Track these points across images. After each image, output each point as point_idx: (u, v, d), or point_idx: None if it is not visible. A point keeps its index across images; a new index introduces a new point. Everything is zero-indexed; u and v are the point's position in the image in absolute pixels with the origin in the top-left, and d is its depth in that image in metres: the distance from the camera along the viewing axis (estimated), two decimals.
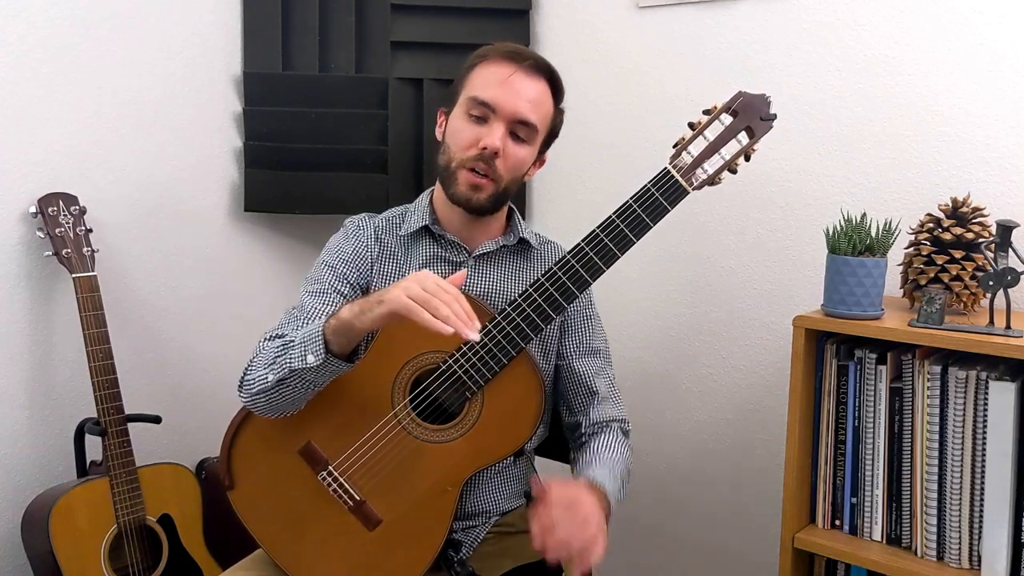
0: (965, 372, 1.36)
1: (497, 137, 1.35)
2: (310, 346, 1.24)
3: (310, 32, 2.07)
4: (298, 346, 1.26)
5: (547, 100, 1.41)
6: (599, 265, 1.30)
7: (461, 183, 1.37)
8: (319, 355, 1.22)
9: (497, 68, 1.37)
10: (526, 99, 1.36)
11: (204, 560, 1.82)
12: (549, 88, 1.41)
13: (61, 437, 1.84)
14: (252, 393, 1.31)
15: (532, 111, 1.37)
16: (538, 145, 1.43)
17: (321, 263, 1.45)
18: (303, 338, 1.25)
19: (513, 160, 1.38)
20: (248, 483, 1.38)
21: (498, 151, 1.35)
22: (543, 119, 1.40)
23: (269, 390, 1.29)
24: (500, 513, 1.48)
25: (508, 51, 1.39)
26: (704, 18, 1.89)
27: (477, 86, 1.37)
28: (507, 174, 1.38)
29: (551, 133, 1.45)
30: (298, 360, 1.25)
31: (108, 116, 1.89)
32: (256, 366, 1.33)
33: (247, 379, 1.33)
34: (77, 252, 1.75)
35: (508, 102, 1.35)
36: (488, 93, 1.36)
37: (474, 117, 1.37)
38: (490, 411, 1.32)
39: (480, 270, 1.45)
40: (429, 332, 1.30)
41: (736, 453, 1.93)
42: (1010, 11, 1.57)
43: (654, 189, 1.30)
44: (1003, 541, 1.34)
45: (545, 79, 1.40)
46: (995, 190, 1.60)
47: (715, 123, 1.31)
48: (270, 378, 1.28)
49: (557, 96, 1.43)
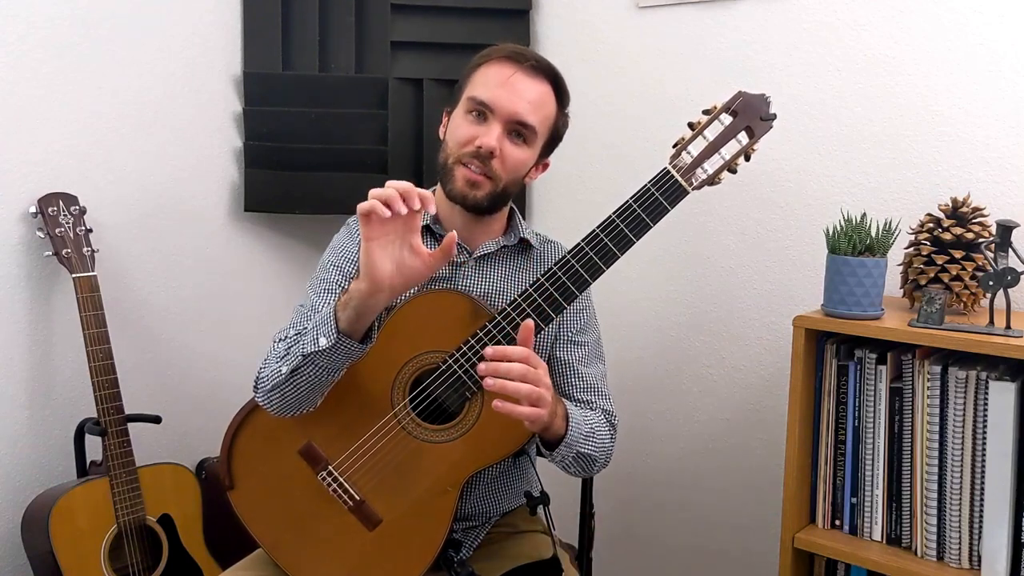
0: (965, 372, 1.36)
1: (493, 137, 1.34)
2: (322, 328, 1.23)
3: (310, 32, 2.07)
4: (310, 331, 1.25)
5: (549, 102, 1.40)
6: (599, 265, 1.29)
7: (458, 179, 1.37)
8: (331, 336, 1.22)
9: (499, 69, 1.37)
10: (526, 100, 1.36)
11: (204, 560, 1.82)
12: (552, 90, 1.40)
13: (61, 437, 1.84)
14: (266, 390, 1.31)
15: (531, 112, 1.36)
16: (539, 148, 1.41)
17: (327, 263, 1.45)
18: (316, 322, 1.25)
19: (511, 161, 1.37)
20: (248, 483, 1.38)
21: (494, 151, 1.34)
22: (543, 121, 1.39)
23: (283, 384, 1.28)
24: (500, 513, 1.48)
25: (511, 52, 1.38)
26: (704, 18, 1.89)
27: (478, 86, 1.37)
28: (505, 175, 1.37)
29: (553, 136, 1.44)
30: (311, 344, 1.24)
31: (108, 116, 1.89)
32: (270, 362, 1.33)
33: (261, 376, 1.33)
34: (77, 252, 1.75)
35: (507, 102, 1.35)
36: (487, 93, 1.35)
37: (473, 116, 1.36)
38: (490, 411, 1.32)
39: (480, 271, 1.45)
40: (429, 332, 1.31)
41: (736, 453, 1.93)
42: (1010, 11, 1.57)
43: (654, 189, 1.29)
44: (1003, 541, 1.34)
45: (548, 81, 1.39)
46: (995, 190, 1.60)
47: (715, 123, 1.31)
48: (283, 370, 1.27)
49: (561, 99, 1.42)
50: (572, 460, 1.35)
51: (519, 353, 1.19)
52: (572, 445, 1.32)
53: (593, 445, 1.36)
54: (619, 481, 2.08)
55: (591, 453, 1.36)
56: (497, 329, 1.29)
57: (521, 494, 1.48)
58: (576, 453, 1.34)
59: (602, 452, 1.39)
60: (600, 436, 1.38)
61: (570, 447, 1.32)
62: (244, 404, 1.40)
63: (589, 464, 1.38)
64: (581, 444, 1.33)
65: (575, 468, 1.37)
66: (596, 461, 1.39)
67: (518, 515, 1.50)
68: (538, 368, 1.20)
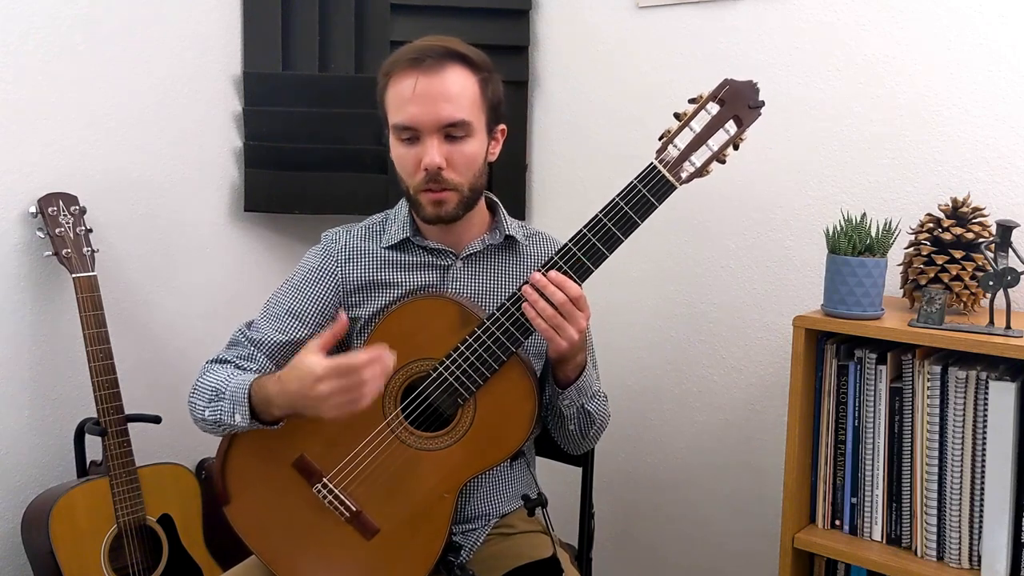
0: (965, 372, 1.36)
1: (434, 153, 1.31)
2: (238, 407, 1.30)
3: (310, 32, 2.07)
4: (227, 401, 1.32)
5: (467, 83, 1.33)
6: (587, 265, 1.27)
7: (424, 205, 1.36)
8: (245, 417, 1.30)
9: (401, 83, 1.32)
10: (442, 100, 1.30)
11: (204, 560, 1.82)
12: (464, 67, 1.33)
13: (61, 437, 1.84)
14: (195, 418, 1.38)
15: (455, 108, 1.31)
16: (483, 129, 1.37)
17: (289, 285, 1.45)
18: (232, 394, 1.31)
19: (462, 162, 1.34)
20: (244, 498, 1.38)
21: (441, 165, 1.32)
22: (472, 106, 1.34)
23: (210, 427, 1.36)
24: (499, 515, 1.48)
25: (408, 59, 1.32)
26: (704, 18, 1.89)
27: (393, 110, 1.34)
28: (463, 177, 1.35)
29: (492, 107, 1.38)
30: (227, 416, 1.31)
31: (108, 116, 1.89)
32: (196, 393, 1.38)
33: (192, 400, 1.38)
34: (77, 252, 1.75)
35: (425, 115, 1.30)
36: (404, 115, 1.32)
37: (405, 140, 1.34)
38: (483, 416, 1.32)
39: (468, 271, 1.44)
40: (419, 340, 1.32)
41: (736, 453, 1.93)
42: (1010, 11, 1.57)
43: (640, 185, 1.26)
44: (1003, 541, 1.34)
45: (455, 62, 1.33)
46: (995, 190, 1.60)
47: (701, 112, 1.27)
48: (207, 416, 1.34)
49: (477, 69, 1.35)
50: (576, 413, 1.38)
51: (574, 290, 1.25)
52: (583, 391, 1.36)
53: (596, 405, 1.41)
54: (619, 481, 2.08)
55: (593, 412, 1.40)
56: (487, 334, 1.28)
57: (519, 496, 1.48)
58: (581, 406, 1.38)
59: (600, 418, 1.44)
60: (602, 403, 1.44)
61: (580, 392, 1.36)
62: None
63: (588, 423, 1.42)
64: (588, 399, 1.38)
65: (575, 424, 1.40)
66: (594, 422, 1.43)
67: (517, 517, 1.50)
68: (582, 309, 1.26)
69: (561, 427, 1.42)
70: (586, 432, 1.43)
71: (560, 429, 1.43)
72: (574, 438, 1.44)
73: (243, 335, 1.43)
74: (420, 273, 1.43)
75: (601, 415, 1.44)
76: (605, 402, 1.47)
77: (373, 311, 1.42)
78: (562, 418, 1.40)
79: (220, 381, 1.35)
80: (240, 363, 1.40)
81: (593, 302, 1.55)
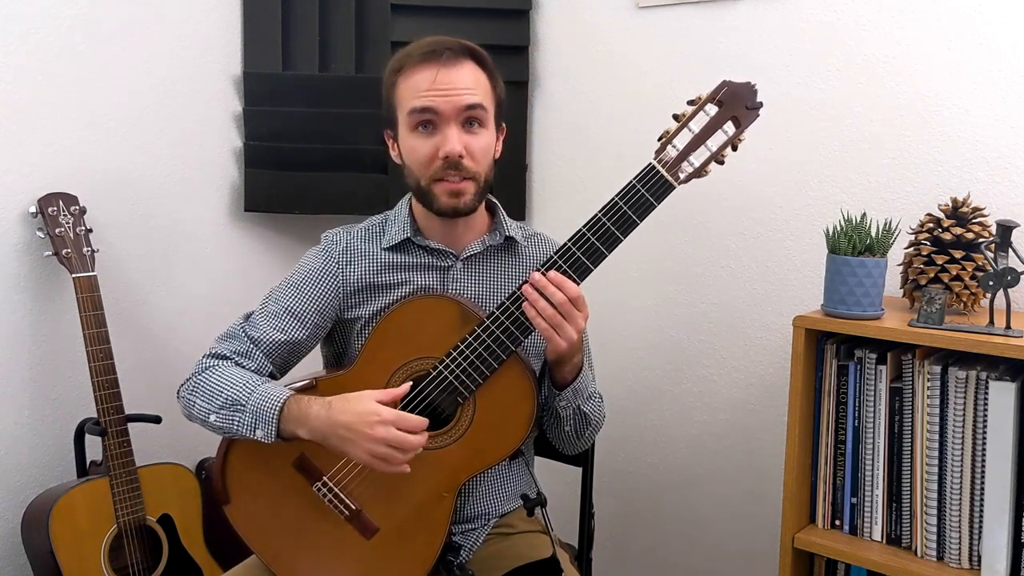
0: (965, 372, 1.36)
1: (455, 140, 1.33)
2: (262, 423, 1.29)
3: (310, 32, 2.07)
4: (248, 414, 1.30)
5: (480, 78, 1.37)
6: (587, 265, 1.28)
7: (439, 195, 1.36)
8: (269, 435, 1.29)
9: (418, 74, 1.34)
10: (462, 87, 1.33)
11: (204, 560, 1.82)
12: (476, 66, 1.37)
13: (61, 437, 1.84)
14: (188, 415, 1.38)
15: (475, 94, 1.34)
16: (493, 123, 1.40)
17: (288, 282, 1.45)
18: (256, 407, 1.29)
19: (479, 150, 1.36)
20: (244, 497, 1.38)
21: (461, 153, 1.33)
22: (487, 95, 1.37)
23: (208, 427, 1.36)
24: (499, 515, 1.48)
25: (422, 53, 1.34)
26: (704, 18, 1.89)
27: (410, 98, 1.34)
28: (480, 167, 1.37)
29: (499, 104, 1.41)
30: (246, 429, 1.30)
31: (108, 116, 1.89)
32: (198, 391, 1.36)
33: (190, 397, 1.37)
34: (77, 252, 1.75)
35: (447, 100, 1.32)
36: (425, 100, 1.33)
37: (422, 129, 1.35)
38: (482, 416, 1.32)
39: (469, 272, 1.44)
40: (419, 339, 1.33)
41: (736, 453, 1.93)
42: (1010, 11, 1.57)
43: (639, 185, 1.27)
44: (1003, 541, 1.34)
45: (468, 59, 1.36)
46: (995, 190, 1.60)
47: (700, 114, 1.28)
48: (212, 420, 1.33)
49: (487, 68, 1.38)
50: (572, 414, 1.39)
51: (573, 290, 1.26)
52: (580, 392, 1.38)
53: (592, 407, 1.43)
54: (619, 481, 2.08)
55: (589, 413, 1.41)
56: (487, 333, 1.29)
57: (518, 496, 1.48)
58: (577, 407, 1.39)
59: (596, 419, 1.45)
60: (598, 404, 1.46)
61: (577, 394, 1.37)
62: None
63: (583, 424, 1.42)
64: (584, 400, 1.40)
65: (571, 425, 1.41)
66: (589, 423, 1.44)
67: (516, 516, 1.50)
68: (580, 309, 1.27)
69: (557, 428, 1.43)
70: (581, 433, 1.44)
71: (556, 430, 1.44)
72: (570, 439, 1.45)
73: (241, 329, 1.42)
74: (420, 274, 1.43)
75: (597, 416, 1.45)
76: (601, 403, 1.47)
77: (373, 311, 1.42)
78: (558, 419, 1.40)
79: (237, 389, 1.32)
80: (238, 360, 1.39)
81: (592, 302, 1.55)
